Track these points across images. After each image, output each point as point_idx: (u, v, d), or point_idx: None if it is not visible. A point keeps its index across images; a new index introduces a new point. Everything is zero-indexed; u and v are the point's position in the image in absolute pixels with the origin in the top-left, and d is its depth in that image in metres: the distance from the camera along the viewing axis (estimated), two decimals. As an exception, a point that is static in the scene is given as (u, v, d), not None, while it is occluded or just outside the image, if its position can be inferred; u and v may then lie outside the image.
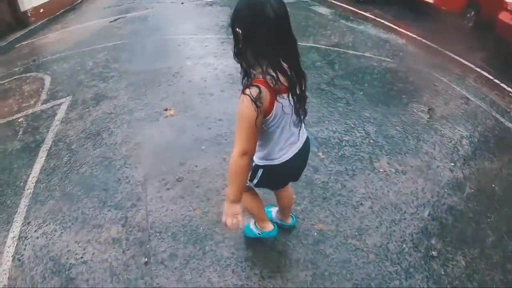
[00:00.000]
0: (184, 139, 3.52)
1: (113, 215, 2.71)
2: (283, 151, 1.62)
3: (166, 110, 4.02)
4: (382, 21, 7.08)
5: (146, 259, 2.32)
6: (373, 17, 7.33)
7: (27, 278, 2.43)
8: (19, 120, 4.57)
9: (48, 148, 3.78)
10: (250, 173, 1.70)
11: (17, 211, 3.02)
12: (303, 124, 1.68)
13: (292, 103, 1.45)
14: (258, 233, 2.26)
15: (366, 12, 7.54)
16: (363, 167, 2.99)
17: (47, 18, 10.67)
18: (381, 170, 2.96)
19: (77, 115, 4.36)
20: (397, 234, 2.40)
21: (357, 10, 7.78)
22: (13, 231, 2.84)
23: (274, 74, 1.33)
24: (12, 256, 2.63)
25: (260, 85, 1.33)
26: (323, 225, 2.46)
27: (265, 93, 1.34)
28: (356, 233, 2.41)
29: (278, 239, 2.35)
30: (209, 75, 4.84)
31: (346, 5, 8.22)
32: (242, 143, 1.41)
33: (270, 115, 1.41)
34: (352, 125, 3.54)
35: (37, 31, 11.17)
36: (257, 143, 1.52)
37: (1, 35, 9.89)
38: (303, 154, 1.74)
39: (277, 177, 1.80)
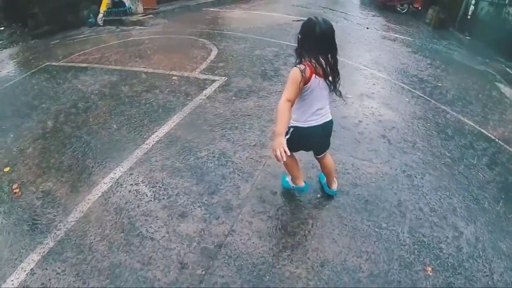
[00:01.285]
0: (310, 173, 3.42)
1: (200, 213, 2.95)
2: (311, 118, 2.57)
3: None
4: None
5: (202, 272, 2.48)
6: None
7: (100, 218, 2.89)
8: (173, 78, 5.32)
9: (182, 117, 4.32)
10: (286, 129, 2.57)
11: (127, 158, 3.57)
12: (328, 106, 2.66)
13: (324, 85, 2.45)
14: (292, 186, 3.14)
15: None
16: (462, 310, 2.63)
17: (239, -6, 12.17)
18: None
19: (223, 98, 4.83)
20: None
21: (546, 106, 6.75)
22: (115, 173, 3.39)
23: (314, 63, 2.36)
24: (102, 192, 3.16)
25: (306, 65, 2.35)
26: None
27: (308, 70, 2.34)
28: None
29: None
30: (366, 119, 4.54)
31: (536, 95, 7.20)
32: (288, 94, 2.35)
33: (308, 84, 2.39)
34: (481, 252, 3.06)
35: (225, 2, 12.81)
36: (294, 107, 2.52)
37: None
38: (326, 127, 2.71)
39: (302, 139, 2.69)
